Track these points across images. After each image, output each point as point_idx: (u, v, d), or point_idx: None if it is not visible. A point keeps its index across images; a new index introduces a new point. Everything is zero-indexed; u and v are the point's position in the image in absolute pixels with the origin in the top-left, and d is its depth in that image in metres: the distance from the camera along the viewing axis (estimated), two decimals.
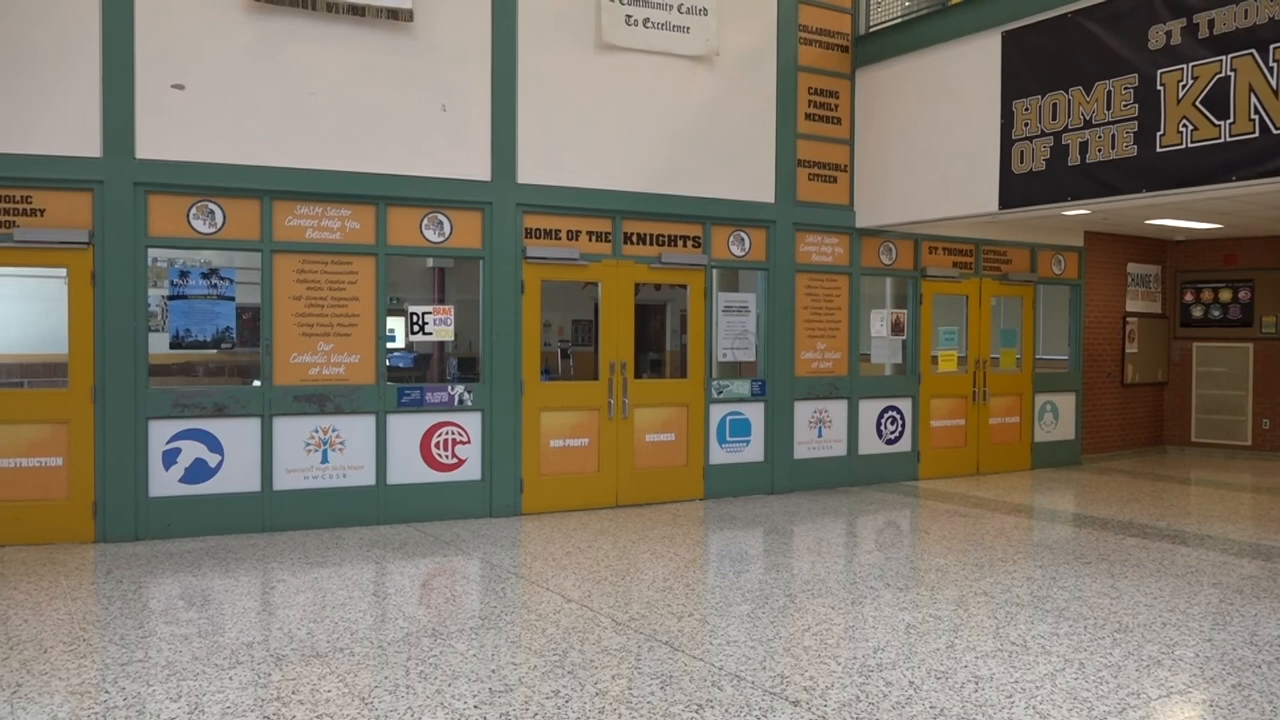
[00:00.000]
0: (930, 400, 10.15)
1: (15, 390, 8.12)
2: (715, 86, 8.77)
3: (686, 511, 8.28)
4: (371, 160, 7.50)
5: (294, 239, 7.36)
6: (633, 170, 8.43)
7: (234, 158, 7.13)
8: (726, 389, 8.97)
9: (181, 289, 7.21)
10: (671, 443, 8.72)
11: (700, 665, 4.37)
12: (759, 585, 5.86)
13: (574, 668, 4.32)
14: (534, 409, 8.09)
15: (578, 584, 5.83)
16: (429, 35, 7.63)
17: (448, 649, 4.57)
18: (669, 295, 13.44)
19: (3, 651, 4.50)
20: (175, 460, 7.06)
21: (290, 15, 7.23)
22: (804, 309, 9.35)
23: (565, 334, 14.36)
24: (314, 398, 7.37)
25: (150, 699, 3.92)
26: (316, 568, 6.23)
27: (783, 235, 9.13)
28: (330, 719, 3.72)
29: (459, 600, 5.69)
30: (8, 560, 6.31)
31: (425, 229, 7.76)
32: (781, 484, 9.17)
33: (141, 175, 6.91)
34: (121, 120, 6.84)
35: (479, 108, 7.83)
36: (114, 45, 6.81)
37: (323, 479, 7.43)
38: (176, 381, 9.07)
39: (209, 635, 4.80)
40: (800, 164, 9.21)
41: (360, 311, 7.55)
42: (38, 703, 3.89)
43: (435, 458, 7.78)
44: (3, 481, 6.73)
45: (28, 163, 6.69)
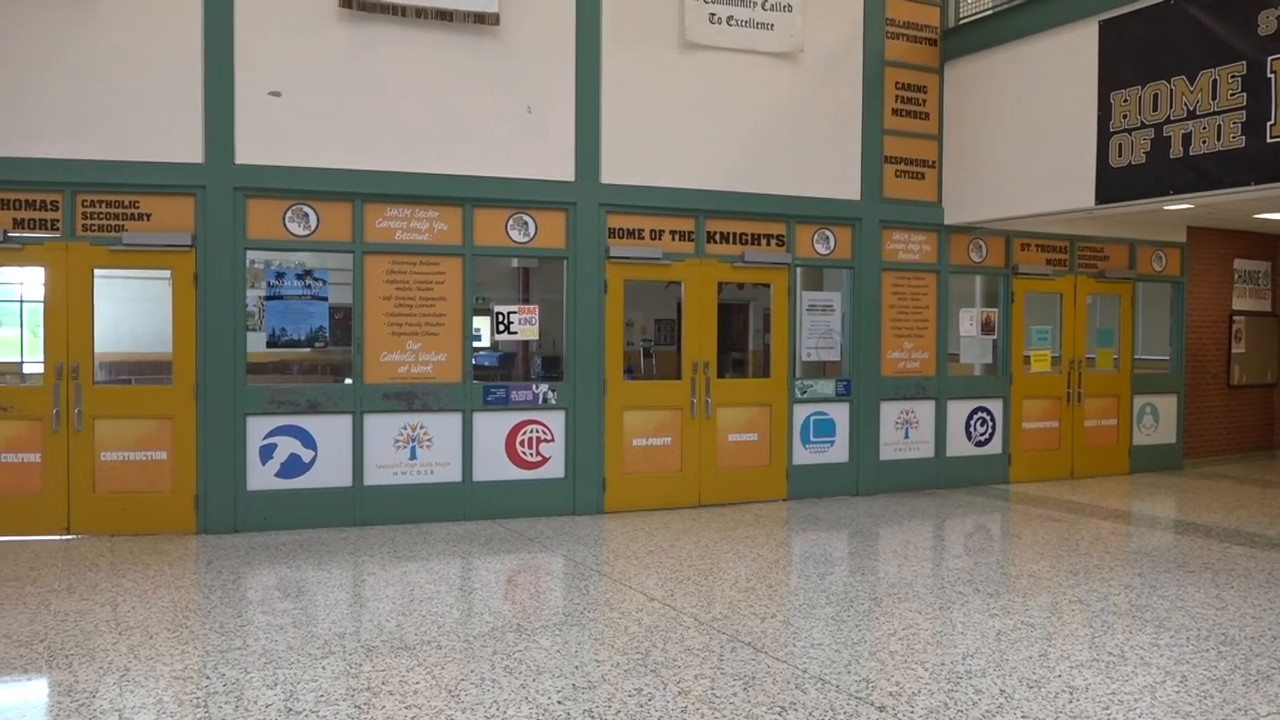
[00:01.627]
0: (1022, 401, 9.87)
1: (124, 387, 8.50)
2: (800, 83, 8.68)
3: (769, 512, 8.22)
4: (458, 162, 7.64)
5: (384, 240, 7.54)
6: (716, 169, 8.40)
7: (327, 162, 7.34)
8: (810, 389, 8.87)
9: (278, 289, 7.45)
10: (754, 443, 8.66)
11: (784, 667, 4.33)
12: (843, 588, 5.78)
13: (656, 666, 4.33)
14: (617, 408, 8.12)
15: (660, 583, 5.83)
16: (514, 38, 7.73)
17: (532, 644, 4.63)
18: (752, 294, 13.37)
19: (113, 636, 4.71)
20: (271, 455, 7.30)
21: (380, 22, 7.40)
22: (890, 308, 9.19)
23: (648, 333, 14.41)
24: (403, 395, 7.54)
25: (248, 686, 4.06)
26: (405, 562, 6.36)
27: (869, 233, 8.98)
28: (418, 710, 3.80)
29: (543, 596, 5.75)
30: (117, 549, 6.61)
31: (510, 229, 7.87)
32: (866, 485, 9.03)
33: (240, 180, 7.17)
34: (222, 127, 7.10)
35: (563, 109, 7.90)
36: (215, 55, 7.08)
37: (411, 475, 7.59)
38: (272, 379, 9.38)
39: (303, 625, 4.95)
40: (887, 160, 9.05)
41: (447, 311, 7.69)
42: (144, 686, 4.06)
43: (520, 455, 7.88)
44: (112, 474, 7.06)
45: (135, 169, 7.00)
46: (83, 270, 7.04)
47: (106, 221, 7.05)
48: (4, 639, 4.67)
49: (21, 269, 9.85)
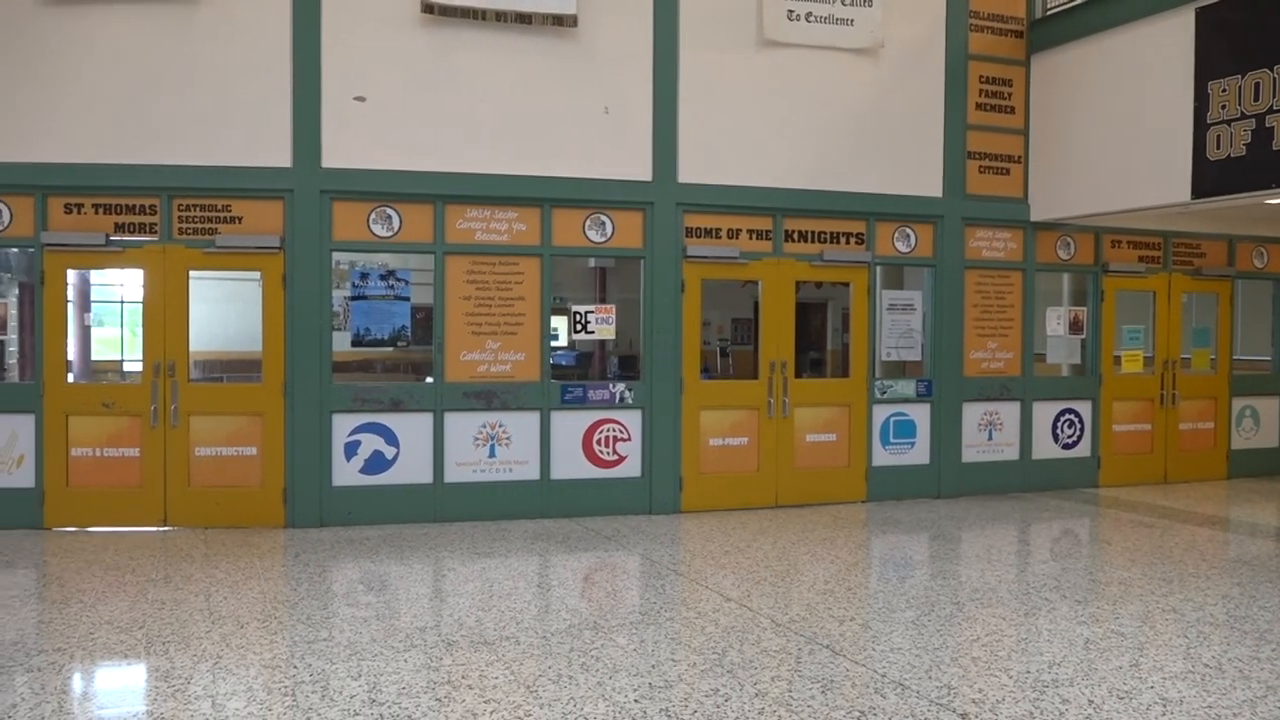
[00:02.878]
0: (1112, 403, 9.56)
1: (216, 385, 8.80)
2: (880, 79, 8.55)
3: (848, 514, 8.12)
4: (537, 163, 7.72)
5: (464, 241, 7.66)
6: (794, 167, 8.33)
7: (409, 164, 7.49)
8: (890, 389, 8.73)
9: (362, 290, 7.63)
10: (833, 443, 8.56)
11: (862, 671, 4.27)
12: (924, 591, 5.68)
13: (733, 667, 4.31)
14: (694, 407, 8.11)
15: (737, 583, 5.81)
16: (592, 39, 7.78)
17: (609, 642, 4.65)
18: (830, 293, 13.23)
19: (206, 625, 4.88)
20: (355, 452, 7.48)
21: (461, 26, 7.52)
22: (974, 307, 8.99)
23: (725, 333, 14.36)
24: (482, 394, 7.65)
25: (333, 676, 4.17)
26: (484, 558, 6.45)
27: (951, 230, 8.80)
28: (497, 705, 3.85)
29: (620, 595, 5.78)
30: (210, 541, 6.85)
31: (588, 229, 7.92)
32: (948, 488, 8.85)
33: (327, 183, 7.36)
34: (309, 132, 7.31)
35: (640, 109, 7.92)
36: (302, 63, 7.28)
37: (490, 472, 7.70)
38: (356, 378, 9.62)
39: (386, 619, 5.06)
40: (970, 156, 8.86)
41: (526, 311, 7.78)
42: (235, 674, 4.20)
43: (597, 454, 7.93)
44: (206, 469, 7.32)
45: (228, 174, 7.25)
46: (179, 272, 7.31)
47: (201, 225, 7.32)
48: (106, 625, 4.88)
49: (122, 271, 10.28)
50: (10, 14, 7.05)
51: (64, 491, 7.18)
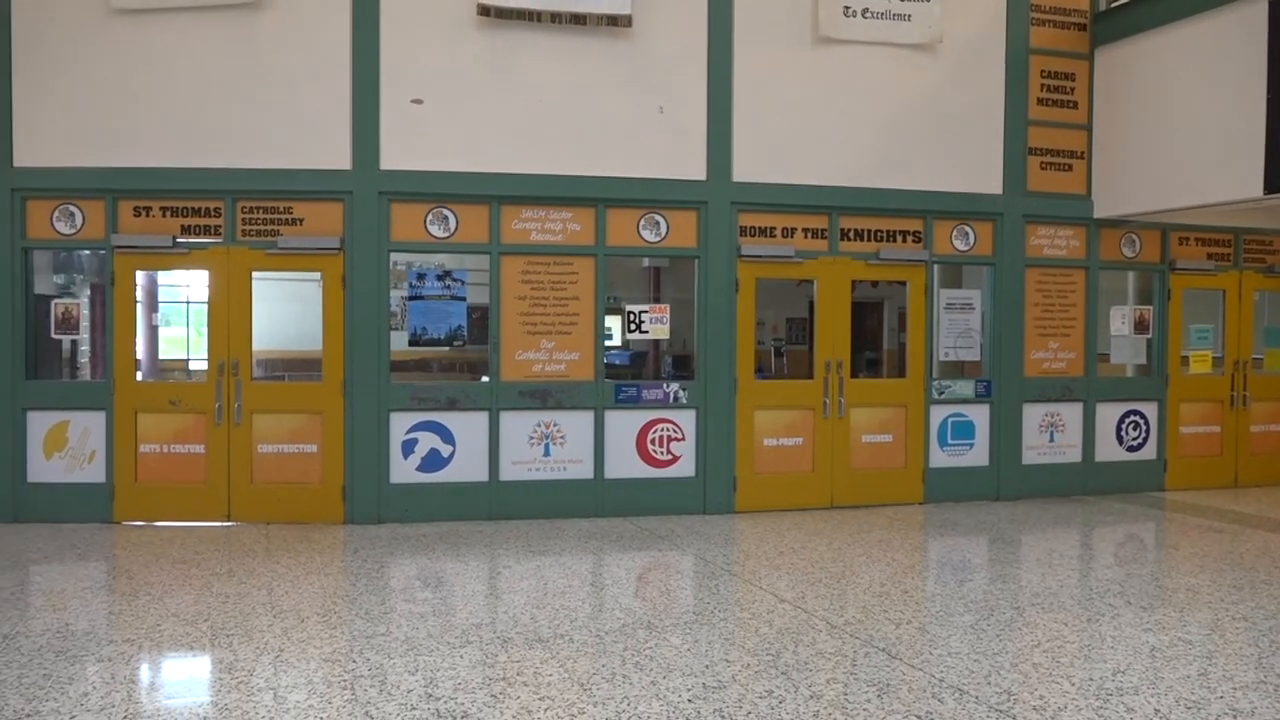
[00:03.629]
0: (1179, 404, 9.30)
1: (278, 383, 8.97)
2: (938, 74, 8.42)
3: (904, 515, 8.02)
4: (592, 164, 7.74)
5: (519, 241, 7.72)
6: (850, 165, 8.25)
7: (466, 166, 7.57)
8: (948, 389, 8.60)
9: (419, 290, 7.73)
10: (889, 444, 8.46)
11: (919, 675, 4.21)
12: (983, 595, 5.58)
13: (788, 669, 4.28)
14: (748, 407, 8.08)
15: (791, 584, 5.77)
16: (646, 40, 7.79)
17: (662, 642, 4.65)
18: (887, 292, 13.09)
19: (269, 619, 4.99)
20: (413, 450, 7.57)
21: (517, 28, 7.58)
22: (1034, 306, 8.82)
23: (779, 332, 14.28)
24: (537, 393, 7.70)
25: (391, 671, 4.22)
26: (539, 556, 6.50)
27: (1011, 228, 8.64)
28: (551, 702, 3.87)
29: (673, 595, 5.77)
30: (272, 537, 6.99)
31: (642, 229, 7.92)
32: (1008, 490, 8.69)
33: (385, 185, 7.47)
34: (368, 135, 7.42)
35: (695, 108, 7.91)
36: (361, 67, 7.40)
37: (544, 471, 7.75)
38: (413, 377, 9.74)
39: (442, 615, 5.12)
40: (1031, 152, 8.69)
41: (580, 310, 7.81)
42: (296, 667, 4.28)
43: (651, 454, 7.93)
44: (268, 465, 7.48)
45: (289, 176, 7.40)
46: (242, 273, 7.48)
47: (263, 227, 7.48)
48: (173, 617, 5.00)
49: (188, 272, 10.54)
50: (83, 24, 7.28)
51: (133, 486, 7.39)
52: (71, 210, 7.40)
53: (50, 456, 7.38)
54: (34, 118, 7.30)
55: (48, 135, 7.32)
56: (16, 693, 3.91)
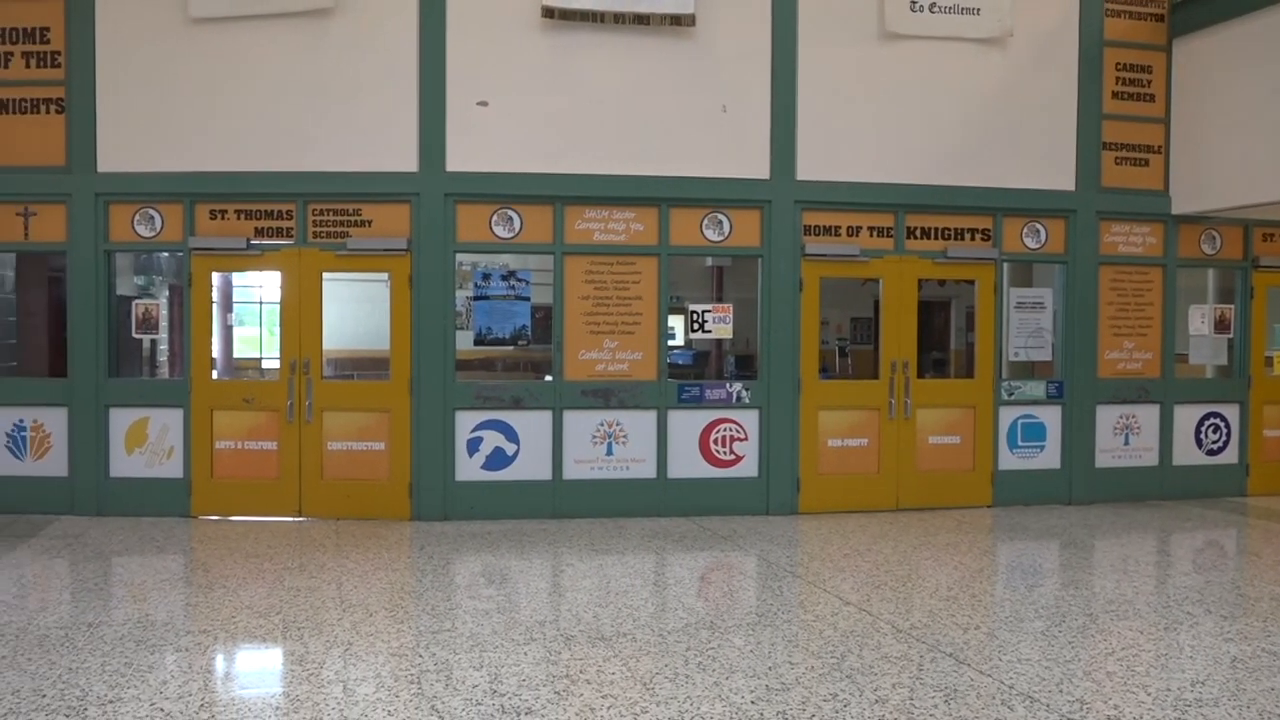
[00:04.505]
0: (1263, 406, 8.97)
1: (347, 382, 9.16)
2: (1008, 69, 8.25)
3: (972, 518, 7.87)
4: (655, 163, 7.75)
5: (583, 241, 7.76)
6: (917, 162, 8.12)
7: (530, 166, 7.63)
8: (1018, 390, 8.42)
9: (484, 290, 7.82)
10: (956, 446, 8.31)
11: (988, 681, 4.13)
12: (1054, 601, 5.45)
13: (852, 672, 4.23)
14: (811, 407, 8.01)
15: (856, 587, 5.70)
16: (709, 38, 7.77)
17: (725, 643, 4.63)
18: (954, 291, 12.87)
19: (338, 613, 5.09)
20: (478, 448, 7.66)
21: (580, 29, 7.62)
22: (1108, 305, 8.58)
23: (844, 332, 14.13)
24: (600, 392, 7.73)
25: (456, 666, 4.28)
26: (601, 555, 6.52)
27: (1084, 225, 8.43)
28: (614, 700, 3.88)
29: (736, 595, 5.75)
30: (341, 532, 7.13)
31: (705, 229, 7.91)
32: (1080, 494, 8.47)
33: (451, 187, 7.57)
34: (434, 137, 7.53)
35: (758, 106, 7.87)
36: (428, 70, 7.51)
37: (607, 470, 7.77)
38: (478, 376, 9.86)
39: (506, 611, 5.17)
40: (1105, 147, 8.46)
41: (643, 310, 7.83)
42: (365, 661, 4.36)
43: (713, 453, 7.91)
44: (338, 462, 7.63)
45: (358, 179, 7.54)
46: (313, 273, 7.64)
47: (333, 228, 7.64)
48: (246, 610, 5.14)
49: (261, 273, 10.82)
50: (162, 33, 7.51)
51: (209, 482, 7.60)
52: (151, 213, 7.64)
53: (131, 452, 7.64)
54: (117, 124, 7.56)
55: (129, 141, 7.57)
56: (100, 679, 4.05)
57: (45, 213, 7.63)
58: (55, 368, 8.17)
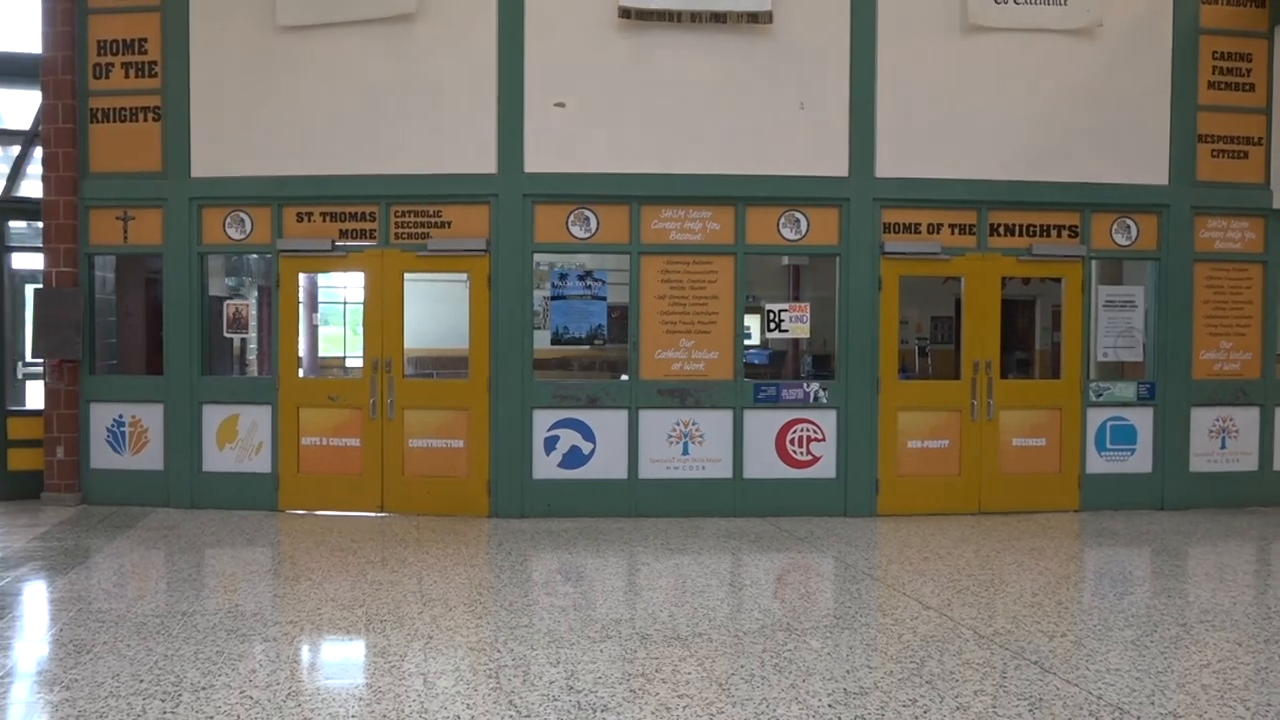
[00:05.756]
0: None
1: (427, 380, 9.33)
2: (1096, 60, 8.00)
3: (1058, 523, 7.66)
4: (731, 162, 7.72)
5: (659, 241, 7.77)
6: (1000, 157, 7.93)
7: (607, 167, 7.67)
8: (1107, 392, 8.16)
9: (561, 290, 7.89)
10: (1042, 448, 8.09)
11: (1075, 691, 4.01)
12: (1145, 610, 5.27)
13: (932, 678, 4.15)
14: (891, 408, 7.88)
15: (936, 591, 5.59)
16: (787, 35, 7.70)
17: (802, 645, 4.59)
18: (1039, 289, 12.52)
19: (419, 606, 5.19)
20: (554, 446, 7.73)
21: (657, 29, 7.63)
22: (1204, 303, 8.26)
23: (924, 331, 13.87)
24: (675, 392, 7.73)
25: (534, 662, 4.32)
26: (677, 554, 6.52)
27: (1178, 220, 8.12)
28: (690, 700, 3.88)
29: (813, 597, 5.69)
30: (422, 528, 7.27)
31: (782, 227, 7.85)
32: (1173, 499, 8.17)
33: (529, 187, 7.66)
34: (512, 139, 7.62)
35: (836, 103, 7.77)
36: (507, 74, 7.61)
37: (683, 470, 7.77)
38: (555, 375, 9.95)
39: (583, 609, 5.20)
40: (1201, 139, 8.14)
41: (719, 310, 7.80)
42: (445, 654, 4.44)
43: (790, 454, 7.85)
44: (419, 459, 7.78)
45: (439, 181, 7.68)
46: (395, 274, 7.80)
47: (415, 230, 7.79)
48: (331, 602, 5.27)
49: (345, 274, 11.08)
50: (251, 41, 7.76)
51: (295, 477, 7.82)
52: (242, 217, 7.89)
53: (222, 448, 7.90)
54: (209, 131, 7.83)
55: (220, 146, 7.84)
56: (194, 666, 4.20)
57: (143, 217, 7.95)
58: (152, 366, 8.50)
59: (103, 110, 7.96)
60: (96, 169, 7.99)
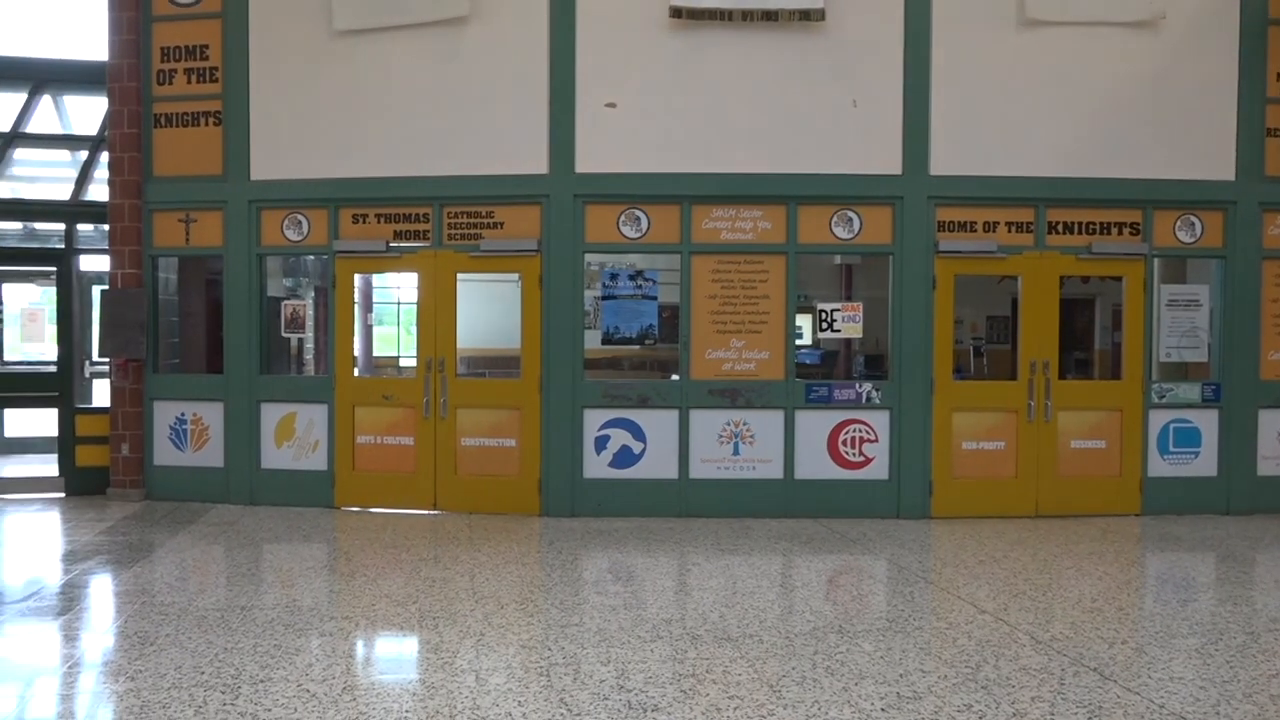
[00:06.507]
0: None
1: (479, 380, 9.41)
2: (1159, 53, 7.81)
3: (1118, 527, 7.49)
4: (782, 161, 7.67)
5: (710, 240, 7.75)
6: (1058, 154, 7.78)
7: (657, 166, 7.67)
8: (1170, 393, 7.96)
9: (612, 290, 7.90)
10: (1101, 450, 7.92)
11: (1136, 700, 3.92)
12: (1210, 617, 5.13)
13: (988, 683, 4.09)
14: (945, 409, 7.77)
15: (992, 595, 5.50)
16: (839, 32, 7.64)
17: (854, 648, 4.55)
18: (1099, 288, 12.26)
19: (470, 604, 5.24)
20: (605, 446, 7.75)
21: (708, 28, 7.61)
22: (1273, 302, 8.01)
23: (979, 330, 13.67)
24: (726, 392, 7.70)
25: (584, 661, 4.34)
26: (728, 555, 6.50)
27: (1245, 217, 7.89)
28: (740, 701, 3.86)
29: (865, 600, 5.63)
30: (474, 526, 7.33)
31: (834, 226, 7.78)
32: (1239, 503, 7.94)
33: (580, 188, 7.68)
34: (564, 139, 7.66)
35: (890, 100, 7.68)
36: (558, 75, 7.65)
37: (733, 470, 7.74)
38: (605, 374, 9.97)
39: (633, 608, 5.21)
40: (1271, 134, 7.90)
41: (770, 309, 7.76)
42: (496, 652, 4.47)
43: (842, 455, 7.77)
44: (471, 458, 7.85)
45: (491, 182, 7.74)
46: (448, 274, 7.88)
47: (467, 231, 7.86)
48: (385, 599, 5.34)
49: (399, 274, 11.22)
50: (308, 46, 7.90)
51: (351, 474, 7.94)
52: (299, 218, 8.03)
53: (280, 445, 8.05)
54: (267, 134, 7.99)
55: (278, 150, 7.99)
56: (252, 660, 4.29)
57: (204, 219, 8.13)
58: (212, 365, 8.70)
59: (166, 115, 8.17)
60: (160, 173, 8.19)
